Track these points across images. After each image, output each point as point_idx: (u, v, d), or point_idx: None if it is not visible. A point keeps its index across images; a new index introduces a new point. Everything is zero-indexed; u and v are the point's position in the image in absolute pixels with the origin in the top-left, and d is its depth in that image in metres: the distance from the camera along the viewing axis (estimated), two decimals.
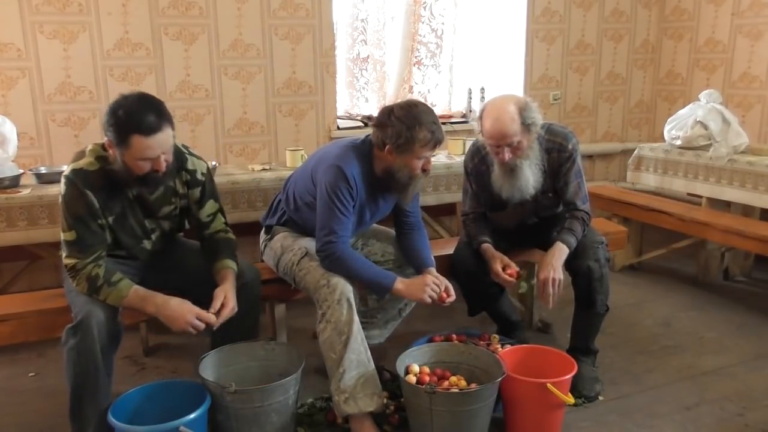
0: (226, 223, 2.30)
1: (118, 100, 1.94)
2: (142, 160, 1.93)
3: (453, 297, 2.31)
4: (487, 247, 2.49)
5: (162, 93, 3.41)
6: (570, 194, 2.48)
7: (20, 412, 2.44)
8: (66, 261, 2.00)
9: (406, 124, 2.14)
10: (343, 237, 2.22)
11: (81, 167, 1.98)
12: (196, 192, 2.21)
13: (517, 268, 2.43)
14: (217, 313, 2.06)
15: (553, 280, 2.34)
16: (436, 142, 2.20)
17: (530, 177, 2.40)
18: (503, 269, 2.42)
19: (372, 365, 2.20)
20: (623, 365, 2.74)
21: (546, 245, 2.47)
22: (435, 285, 2.25)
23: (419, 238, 2.50)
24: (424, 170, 2.27)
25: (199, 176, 2.19)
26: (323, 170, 2.23)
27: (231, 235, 2.29)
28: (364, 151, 2.28)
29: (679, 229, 3.52)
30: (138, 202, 2.10)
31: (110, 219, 2.05)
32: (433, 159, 2.34)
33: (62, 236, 2.01)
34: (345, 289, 2.18)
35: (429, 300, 2.24)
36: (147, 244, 2.19)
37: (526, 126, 2.32)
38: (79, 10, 3.19)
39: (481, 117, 2.39)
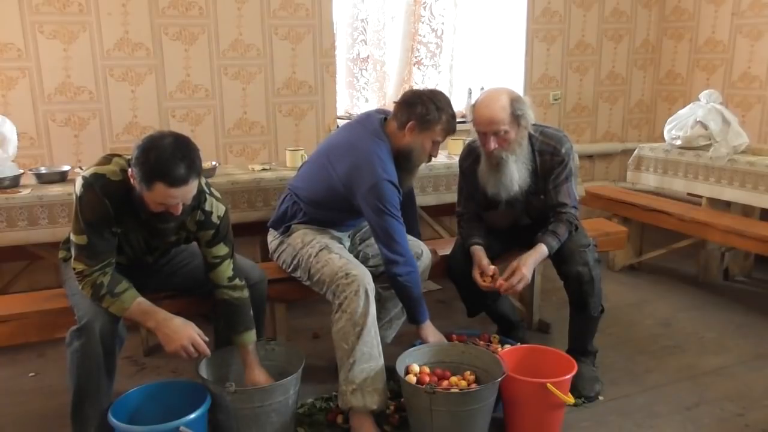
0: (234, 273, 2.16)
1: (153, 137, 1.85)
2: (160, 204, 1.88)
3: None
4: (475, 249, 2.49)
5: (162, 93, 3.41)
6: (559, 197, 2.47)
7: (20, 412, 2.43)
8: (74, 264, 1.98)
9: (436, 105, 2.30)
10: (410, 254, 2.30)
11: (104, 173, 1.92)
12: (209, 234, 2.11)
13: (491, 273, 2.41)
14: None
15: (523, 276, 2.34)
16: (450, 130, 2.36)
17: (515, 173, 2.40)
18: (481, 275, 2.42)
19: (382, 360, 2.21)
20: (623, 365, 2.74)
21: None
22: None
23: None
24: (431, 156, 2.39)
25: (214, 219, 2.10)
26: (368, 184, 2.22)
27: (240, 293, 2.16)
28: (381, 135, 2.34)
29: (679, 229, 3.52)
30: (147, 225, 2.05)
31: (118, 230, 2.02)
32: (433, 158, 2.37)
33: (72, 237, 1.96)
34: (364, 281, 2.18)
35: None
36: (149, 258, 2.18)
37: (516, 117, 2.33)
38: (79, 10, 3.19)
39: (473, 106, 2.40)
